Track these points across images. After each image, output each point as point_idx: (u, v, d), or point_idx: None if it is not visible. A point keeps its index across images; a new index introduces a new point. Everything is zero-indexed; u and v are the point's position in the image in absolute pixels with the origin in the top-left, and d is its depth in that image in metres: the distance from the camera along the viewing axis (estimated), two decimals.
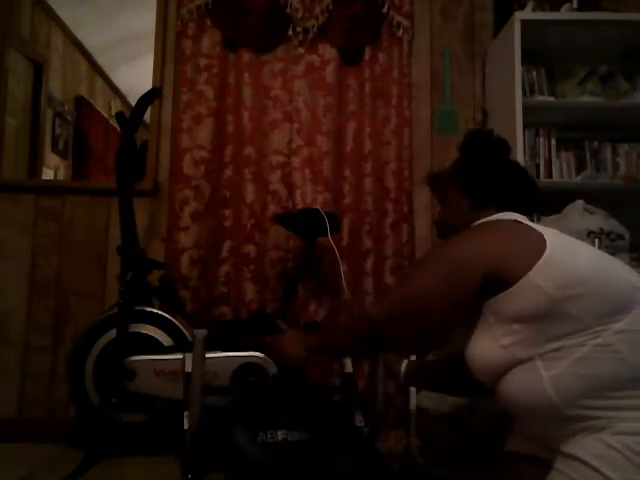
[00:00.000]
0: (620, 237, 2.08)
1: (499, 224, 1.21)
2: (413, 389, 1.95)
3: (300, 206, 2.31)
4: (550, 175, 2.29)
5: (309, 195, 2.35)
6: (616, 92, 2.32)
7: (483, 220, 1.24)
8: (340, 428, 1.70)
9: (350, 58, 2.45)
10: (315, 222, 2.06)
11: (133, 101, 2.10)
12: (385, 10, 2.44)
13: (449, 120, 2.49)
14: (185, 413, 1.57)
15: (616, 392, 0.99)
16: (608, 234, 2.07)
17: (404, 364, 1.57)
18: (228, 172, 2.35)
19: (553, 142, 2.33)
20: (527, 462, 1.16)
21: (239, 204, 2.34)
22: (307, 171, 2.36)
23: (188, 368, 1.62)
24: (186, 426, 1.55)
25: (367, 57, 2.45)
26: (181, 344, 1.93)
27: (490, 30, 2.54)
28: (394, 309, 1.20)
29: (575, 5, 2.31)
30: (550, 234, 1.12)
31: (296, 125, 2.38)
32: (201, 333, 1.53)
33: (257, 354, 1.91)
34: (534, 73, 2.33)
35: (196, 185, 2.33)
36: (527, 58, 2.20)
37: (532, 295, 1.04)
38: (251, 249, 2.30)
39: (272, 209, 2.35)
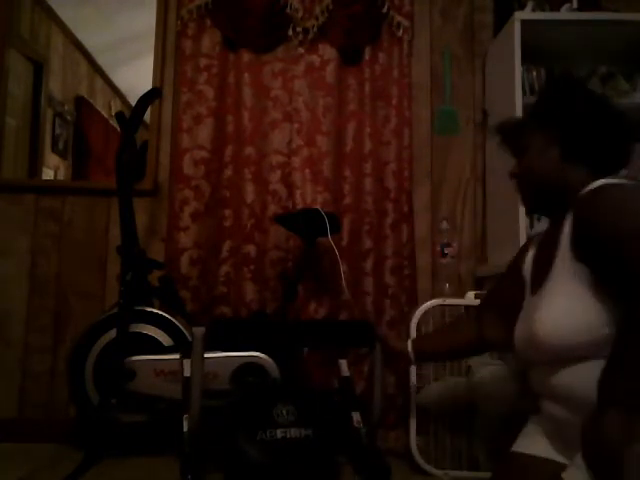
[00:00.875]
0: None
1: None
2: (413, 389, 1.96)
3: (300, 206, 2.31)
4: None
5: (309, 195, 2.35)
6: (616, 92, 2.32)
7: (611, 182, 1.03)
8: (339, 427, 1.71)
9: (350, 58, 2.45)
10: (315, 222, 2.06)
11: (133, 101, 2.10)
12: (385, 10, 2.43)
13: (449, 120, 2.49)
14: (185, 415, 1.57)
15: None
16: None
17: (409, 343, 1.54)
18: (228, 172, 2.35)
19: None
20: (538, 465, 1.11)
21: (239, 204, 2.34)
22: (307, 171, 2.36)
23: (187, 373, 1.61)
24: (185, 428, 1.55)
25: (367, 57, 2.44)
26: (181, 344, 1.94)
27: (490, 30, 2.53)
28: None
29: (575, 5, 2.31)
30: None
31: (296, 125, 2.38)
32: (200, 331, 1.53)
33: (257, 354, 1.91)
34: (534, 73, 2.33)
35: (196, 185, 2.33)
36: (527, 58, 2.19)
37: None
38: (251, 249, 2.30)
39: (272, 209, 2.35)
